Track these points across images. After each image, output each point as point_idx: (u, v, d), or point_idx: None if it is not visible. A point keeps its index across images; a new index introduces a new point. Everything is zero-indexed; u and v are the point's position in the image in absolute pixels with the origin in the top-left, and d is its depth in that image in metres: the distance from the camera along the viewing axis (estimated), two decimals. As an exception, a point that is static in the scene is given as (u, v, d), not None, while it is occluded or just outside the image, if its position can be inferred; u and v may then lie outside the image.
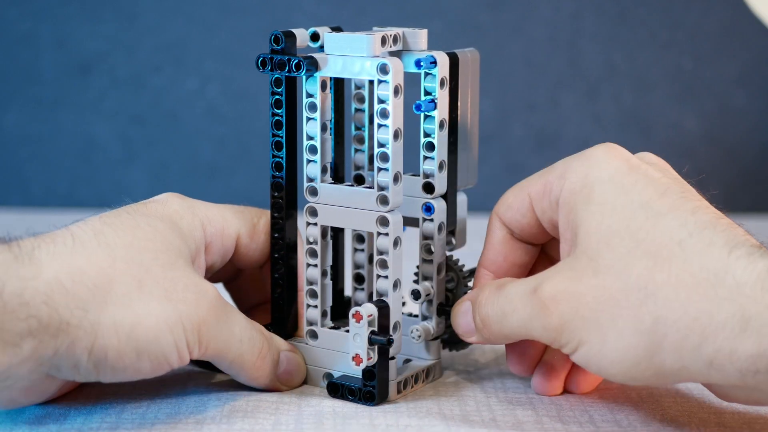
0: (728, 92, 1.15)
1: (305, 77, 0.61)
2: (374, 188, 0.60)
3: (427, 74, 0.61)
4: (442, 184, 0.63)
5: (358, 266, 0.66)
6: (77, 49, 1.13)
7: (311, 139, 0.61)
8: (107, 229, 0.57)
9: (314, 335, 0.63)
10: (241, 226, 0.63)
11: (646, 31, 1.14)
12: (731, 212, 0.57)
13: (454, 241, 0.65)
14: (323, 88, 0.61)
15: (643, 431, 0.58)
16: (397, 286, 0.61)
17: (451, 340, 0.66)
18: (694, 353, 0.52)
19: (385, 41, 0.60)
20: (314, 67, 0.60)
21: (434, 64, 0.61)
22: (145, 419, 0.59)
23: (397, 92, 0.59)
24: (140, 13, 1.13)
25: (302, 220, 0.63)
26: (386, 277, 0.60)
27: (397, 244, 0.60)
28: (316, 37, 0.62)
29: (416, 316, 0.65)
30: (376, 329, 0.59)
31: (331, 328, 0.63)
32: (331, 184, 0.61)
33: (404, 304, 0.62)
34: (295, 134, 0.62)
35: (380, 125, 0.59)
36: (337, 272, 0.65)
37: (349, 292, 0.67)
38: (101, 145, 1.14)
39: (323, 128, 0.61)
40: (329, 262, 0.63)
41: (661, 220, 0.54)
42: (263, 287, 0.66)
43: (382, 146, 0.59)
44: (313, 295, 0.63)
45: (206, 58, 1.13)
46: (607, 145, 0.58)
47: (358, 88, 0.64)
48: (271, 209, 0.63)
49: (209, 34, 1.13)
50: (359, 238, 0.65)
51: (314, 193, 0.62)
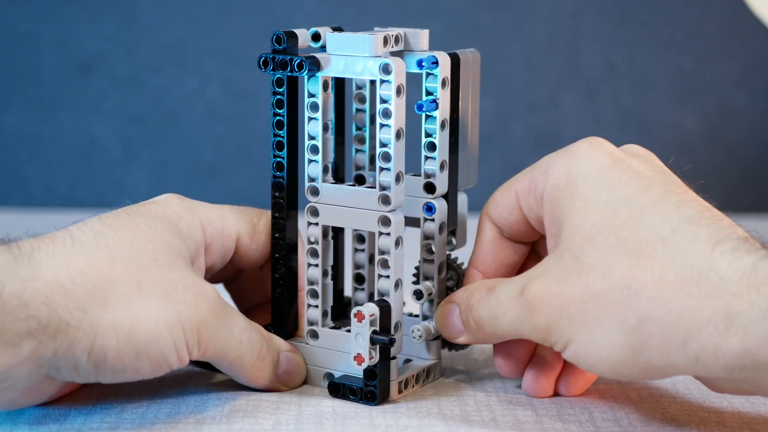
0: (728, 92, 1.15)
1: (307, 77, 0.61)
2: (376, 188, 0.60)
3: (428, 74, 0.61)
4: (443, 184, 0.63)
5: (358, 266, 0.66)
6: (77, 49, 1.13)
7: (313, 139, 0.61)
8: (106, 230, 0.57)
9: (315, 335, 0.63)
10: (240, 226, 0.63)
11: (646, 31, 1.14)
12: (731, 212, 0.56)
13: (454, 241, 0.65)
14: (325, 88, 0.61)
15: (643, 431, 0.58)
16: (398, 285, 0.61)
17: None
18: (679, 350, 0.52)
19: (387, 41, 0.60)
20: (316, 67, 0.60)
21: (436, 64, 0.61)
22: (145, 419, 0.59)
23: (399, 92, 0.59)
24: (140, 13, 1.13)
25: (303, 220, 0.63)
26: (388, 276, 0.60)
27: (398, 243, 0.60)
28: (317, 37, 0.62)
29: (416, 316, 0.65)
30: (377, 329, 0.59)
31: (331, 328, 0.63)
32: (332, 184, 0.61)
33: (404, 303, 0.62)
34: (296, 134, 0.62)
35: (382, 125, 0.59)
36: (337, 273, 0.65)
37: (348, 292, 0.67)
38: (101, 145, 1.14)
39: (325, 128, 0.61)
40: (330, 262, 0.63)
41: (644, 216, 0.54)
42: (263, 288, 0.66)
43: (384, 146, 0.59)
44: (314, 295, 0.63)
45: (206, 58, 1.13)
46: (590, 139, 0.58)
47: (359, 88, 0.64)
48: (272, 209, 0.63)
49: (209, 34, 1.13)
50: (359, 238, 0.65)
51: (316, 193, 0.62)
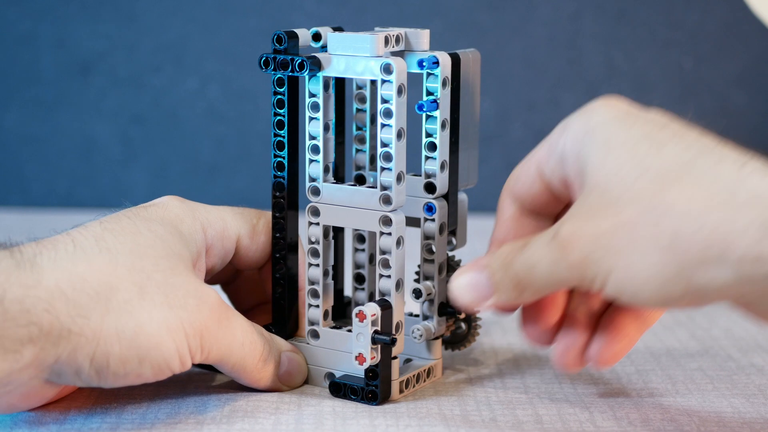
0: (728, 92, 1.15)
1: (308, 77, 0.61)
2: (377, 188, 0.60)
3: (429, 74, 0.61)
4: (443, 184, 0.63)
5: (358, 266, 0.66)
6: (77, 49, 1.13)
7: (314, 139, 0.61)
8: (108, 234, 0.57)
9: (316, 335, 0.63)
10: (240, 227, 0.63)
11: (646, 31, 1.14)
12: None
13: (455, 241, 0.65)
14: (326, 87, 0.61)
15: (643, 430, 0.58)
16: (399, 285, 0.61)
17: (451, 340, 0.66)
18: (719, 263, 0.50)
19: (388, 41, 0.60)
20: (317, 67, 0.60)
21: (437, 64, 0.61)
22: (145, 419, 0.59)
23: (400, 92, 0.59)
24: (140, 13, 1.13)
25: (303, 220, 0.63)
26: (389, 276, 0.60)
27: (399, 243, 0.60)
28: (318, 37, 0.62)
29: (417, 315, 0.65)
30: (379, 329, 0.59)
31: (332, 327, 0.63)
32: (333, 184, 0.61)
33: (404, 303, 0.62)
34: (297, 134, 0.62)
35: (383, 125, 0.59)
36: (337, 272, 0.65)
37: (348, 292, 0.67)
38: (101, 145, 1.14)
39: (326, 128, 0.61)
40: (331, 261, 0.63)
41: (665, 147, 0.53)
42: (260, 289, 0.66)
43: (385, 146, 0.59)
44: (314, 294, 0.63)
45: (206, 58, 1.13)
46: (605, 97, 0.58)
47: (359, 88, 0.64)
48: (272, 209, 0.63)
49: (209, 34, 1.13)
50: (360, 237, 0.65)
51: (316, 192, 0.62)
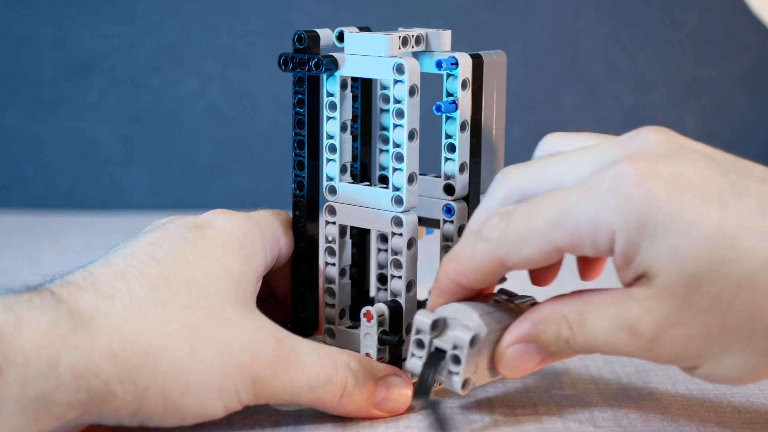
0: (728, 92, 1.15)
1: (326, 76, 0.61)
2: (389, 188, 0.60)
3: (449, 75, 0.61)
4: (463, 185, 0.62)
5: (381, 266, 0.64)
6: (77, 49, 1.13)
7: (331, 138, 0.61)
8: (163, 284, 0.55)
9: (332, 334, 0.63)
10: (281, 235, 0.61)
11: (646, 31, 1.14)
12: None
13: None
14: (343, 87, 0.61)
15: (643, 430, 0.58)
16: (411, 287, 0.60)
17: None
18: None
19: (407, 42, 0.60)
20: (334, 66, 0.60)
21: (455, 65, 0.60)
22: (144, 419, 0.59)
23: (413, 92, 0.59)
24: (140, 13, 1.13)
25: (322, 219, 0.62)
26: (400, 277, 0.60)
27: (411, 245, 0.60)
28: (342, 37, 0.61)
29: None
30: (387, 329, 0.59)
31: (348, 327, 0.63)
32: (349, 183, 0.61)
33: (419, 303, 0.62)
34: (317, 133, 0.62)
35: (396, 125, 0.59)
36: (364, 273, 0.65)
37: (374, 292, 0.67)
38: (101, 145, 1.14)
39: (343, 128, 0.61)
40: (347, 261, 0.63)
41: (738, 241, 0.50)
42: (267, 280, 0.65)
43: (397, 146, 0.59)
44: (331, 294, 0.62)
45: (206, 58, 1.13)
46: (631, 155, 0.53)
47: (384, 88, 0.63)
48: (293, 208, 0.62)
49: (209, 34, 1.13)
50: (383, 238, 0.64)
51: (333, 192, 0.62)
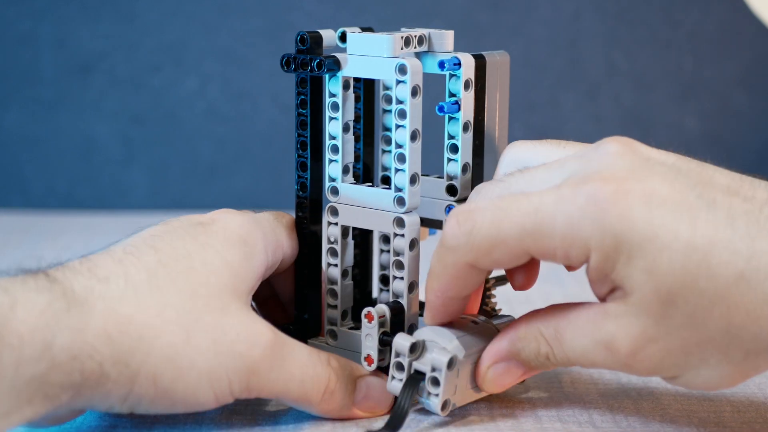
0: (728, 92, 1.15)
1: (328, 77, 0.61)
2: (392, 189, 0.60)
3: (452, 76, 0.61)
4: (465, 186, 0.62)
5: (383, 267, 0.64)
6: (77, 49, 1.13)
7: (333, 138, 0.61)
8: (161, 270, 0.55)
9: (334, 335, 0.63)
10: (284, 238, 0.61)
11: (646, 31, 1.14)
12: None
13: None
14: (345, 87, 0.61)
15: (642, 430, 0.58)
16: (413, 288, 0.60)
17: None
18: None
19: (409, 42, 0.60)
20: (336, 66, 0.60)
21: (458, 65, 0.60)
22: (144, 419, 0.58)
23: (415, 93, 0.58)
24: (140, 13, 1.13)
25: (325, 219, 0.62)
26: (402, 278, 0.60)
27: (413, 245, 0.60)
28: (344, 37, 0.61)
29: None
30: (388, 330, 0.59)
31: (350, 328, 0.62)
32: (351, 184, 0.61)
33: (421, 303, 0.62)
34: (320, 134, 0.61)
35: (398, 126, 0.59)
36: (366, 274, 0.65)
37: (376, 293, 0.67)
38: (101, 145, 1.14)
39: (345, 128, 0.61)
40: (349, 262, 0.63)
41: (710, 257, 0.51)
42: (268, 281, 0.65)
43: (399, 147, 0.59)
44: (333, 295, 0.62)
45: (206, 58, 1.13)
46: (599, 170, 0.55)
47: (386, 88, 0.63)
48: (296, 209, 0.62)
49: (209, 34, 1.13)
50: (385, 239, 0.64)
51: (335, 192, 0.61)
